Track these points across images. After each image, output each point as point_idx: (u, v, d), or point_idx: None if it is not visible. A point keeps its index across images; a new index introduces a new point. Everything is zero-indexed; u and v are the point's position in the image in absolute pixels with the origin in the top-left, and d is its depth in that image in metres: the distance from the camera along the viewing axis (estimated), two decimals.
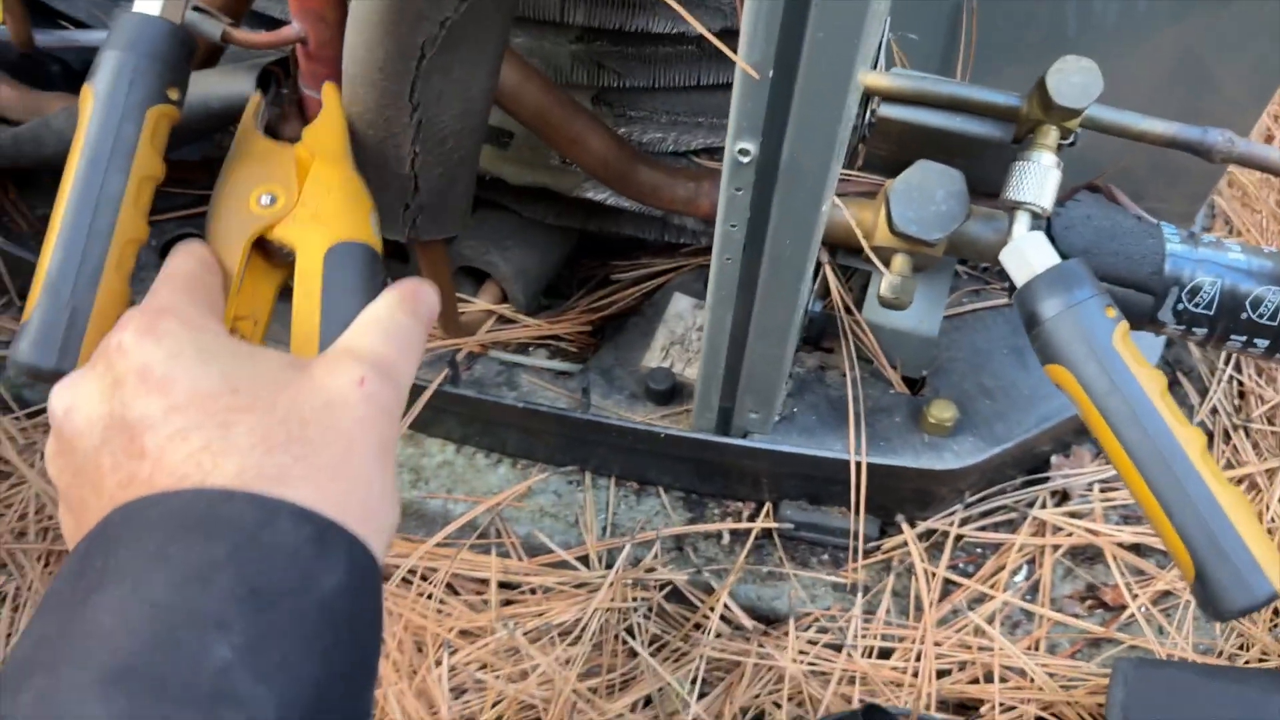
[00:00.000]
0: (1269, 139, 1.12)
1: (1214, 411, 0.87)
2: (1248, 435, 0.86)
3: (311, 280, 0.50)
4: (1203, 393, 0.88)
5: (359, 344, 0.43)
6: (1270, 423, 0.86)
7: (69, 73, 0.95)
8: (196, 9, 0.65)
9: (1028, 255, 0.56)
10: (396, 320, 0.44)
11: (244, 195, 0.53)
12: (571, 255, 0.88)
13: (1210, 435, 0.86)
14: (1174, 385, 0.89)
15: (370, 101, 0.57)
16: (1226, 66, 0.79)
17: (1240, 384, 0.89)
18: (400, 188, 0.63)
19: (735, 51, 0.48)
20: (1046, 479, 0.81)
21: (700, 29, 0.50)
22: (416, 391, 0.77)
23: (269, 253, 0.54)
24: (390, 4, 0.53)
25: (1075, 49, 0.70)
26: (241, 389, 0.39)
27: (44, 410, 0.84)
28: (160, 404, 0.38)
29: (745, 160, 0.52)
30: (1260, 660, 0.73)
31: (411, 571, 0.79)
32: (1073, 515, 0.80)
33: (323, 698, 0.35)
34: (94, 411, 0.38)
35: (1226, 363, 0.89)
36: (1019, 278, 0.56)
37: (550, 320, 0.85)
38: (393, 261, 0.85)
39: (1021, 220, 0.57)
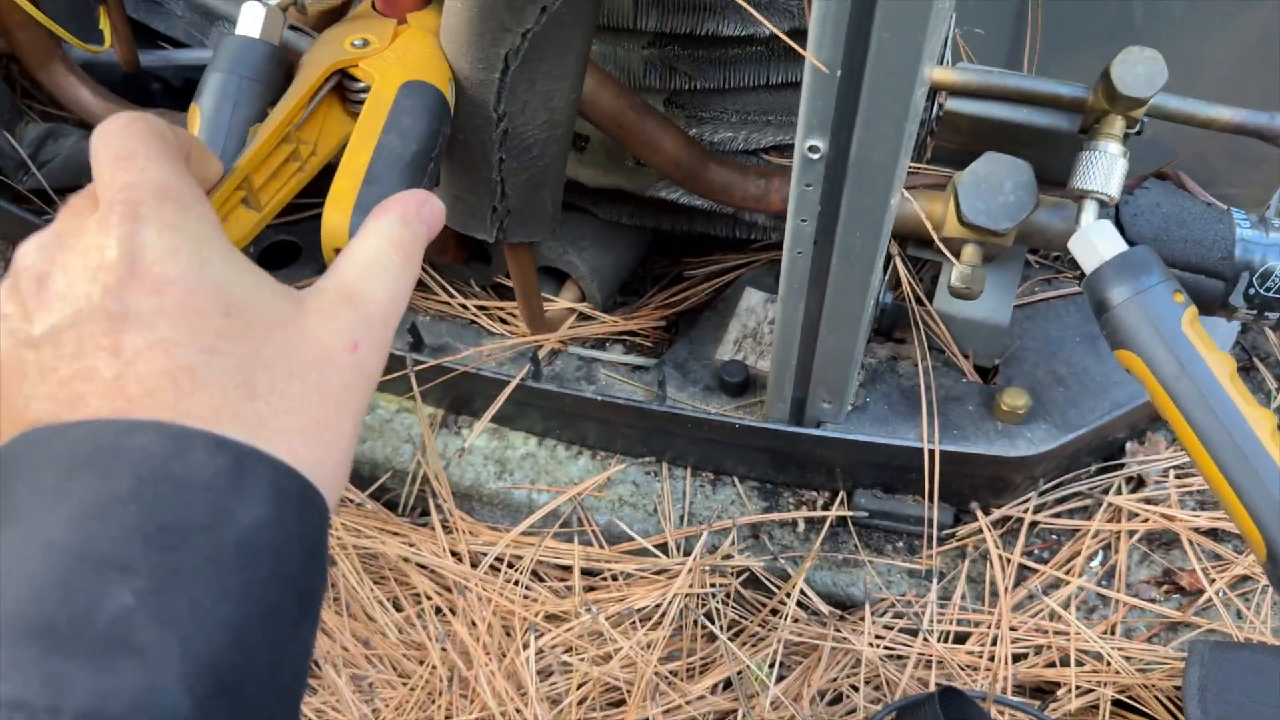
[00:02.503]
0: None
1: None
2: None
3: (380, 104, 0.54)
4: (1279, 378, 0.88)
5: (358, 289, 0.39)
6: None
7: (169, 90, 1.01)
8: (293, 28, 0.70)
9: (1095, 243, 0.57)
10: (394, 265, 0.40)
11: (340, 38, 0.58)
12: (645, 254, 0.91)
13: None
14: (1250, 370, 0.88)
15: (464, 108, 0.61)
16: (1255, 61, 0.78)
17: None
18: (489, 191, 0.66)
19: (805, 50, 0.50)
20: (1121, 465, 0.81)
21: (771, 28, 0.52)
22: (499, 386, 0.81)
23: (347, 99, 0.59)
24: (473, 17, 0.57)
25: (1144, 38, 0.71)
26: (234, 313, 0.35)
27: None
28: (150, 303, 0.34)
29: (815, 157, 0.54)
30: None
31: (499, 559, 0.83)
32: (1148, 501, 0.80)
33: (240, 641, 0.31)
34: (76, 288, 0.33)
35: None
36: (1087, 265, 0.57)
37: (626, 316, 0.88)
38: (474, 263, 0.89)
39: (1089, 209, 0.58)
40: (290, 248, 0.92)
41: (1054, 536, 0.80)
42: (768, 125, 0.76)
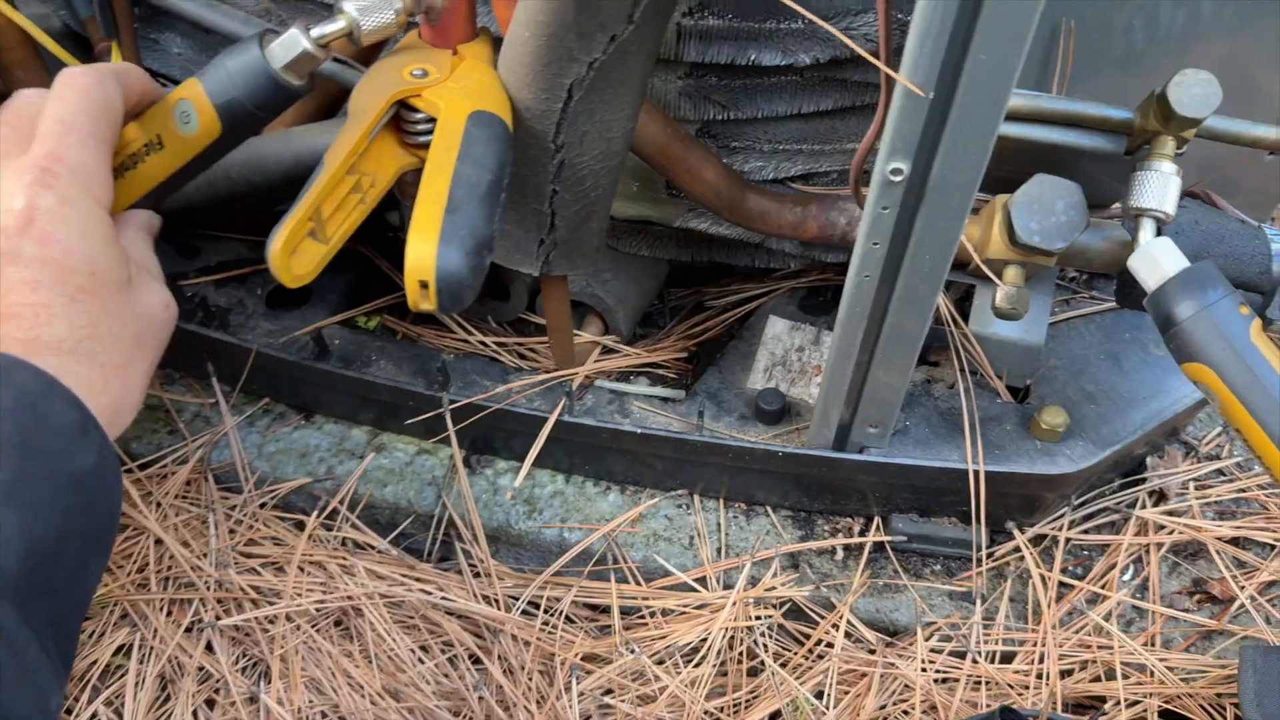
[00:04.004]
0: None
1: None
2: None
3: (451, 135, 0.54)
4: None
5: (155, 269, 0.56)
6: None
7: None
8: (336, 60, 0.68)
9: (1159, 260, 0.58)
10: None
11: (397, 67, 0.57)
12: (663, 285, 0.90)
13: None
14: None
15: (519, 139, 0.59)
16: (1268, 73, 0.81)
17: None
18: (538, 223, 0.65)
19: (897, 74, 0.50)
20: (1143, 479, 0.83)
21: (861, 52, 0.53)
22: (530, 423, 0.79)
23: (404, 132, 0.59)
24: (540, 46, 0.56)
25: (1143, 60, 0.74)
26: (98, 274, 0.48)
27: (159, 461, 0.85)
28: (33, 251, 0.46)
29: (897, 180, 0.54)
30: None
31: (533, 604, 0.80)
32: (1172, 513, 0.82)
33: (60, 547, 0.42)
34: None
35: None
36: (1150, 282, 0.58)
37: (649, 348, 0.87)
38: (491, 300, 0.87)
39: (1147, 227, 0.60)
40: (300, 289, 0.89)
41: (1085, 552, 0.81)
42: (798, 154, 0.77)
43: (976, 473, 0.74)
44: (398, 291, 0.89)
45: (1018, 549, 0.79)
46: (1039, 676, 0.75)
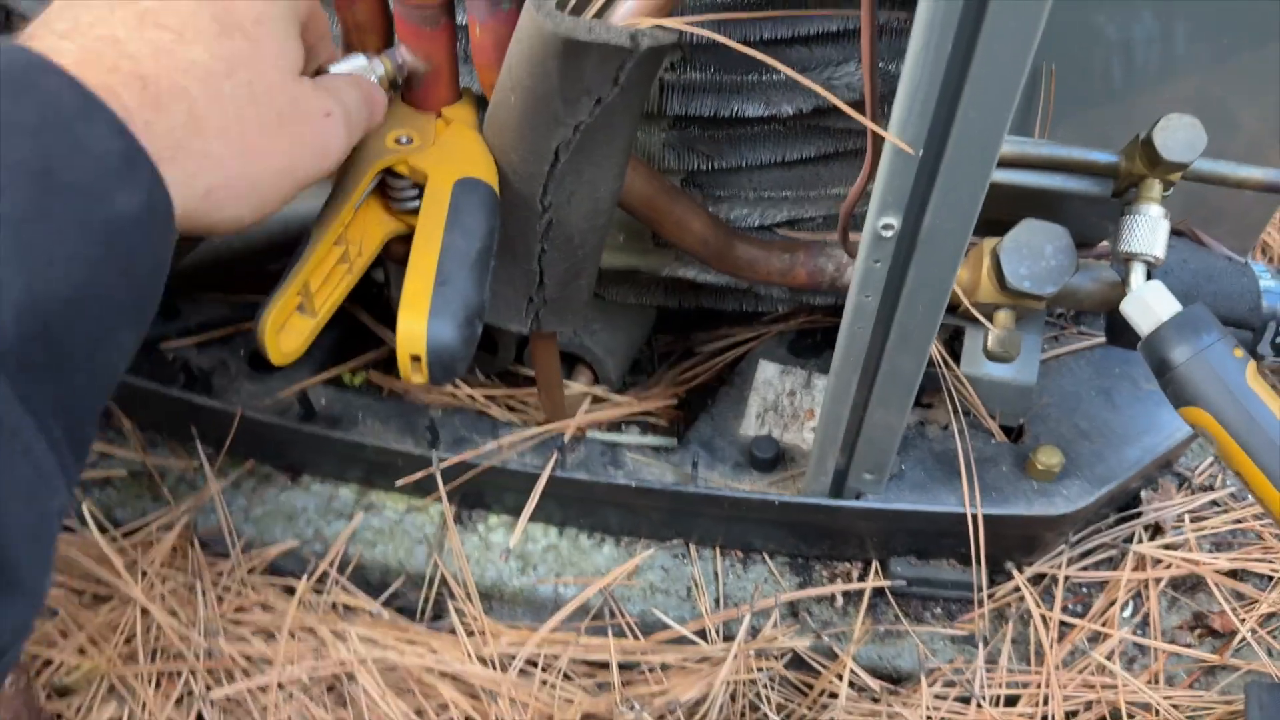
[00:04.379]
0: None
1: None
2: None
3: (438, 204, 0.53)
4: None
5: (341, 88, 0.48)
6: None
7: None
8: None
9: (1151, 304, 0.58)
10: (369, 90, 0.51)
11: (381, 134, 0.56)
12: (651, 332, 0.90)
13: None
14: None
15: (506, 200, 0.59)
16: (1247, 109, 0.82)
17: None
18: (526, 283, 0.64)
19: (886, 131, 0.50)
20: (1139, 514, 0.83)
21: (848, 110, 0.52)
22: (523, 479, 0.78)
23: (390, 198, 0.58)
24: (527, 110, 0.56)
25: (1123, 99, 0.74)
26: (253, 39, 0.41)
27: (144, 528, 0.83)
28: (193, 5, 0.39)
29: (888, 235, 0.54)
30: None
31: (530, 662, 0.79)
32: (1169, 547, 0.82)
33: (76, 304, 0.33)
34: None
35: None
36: (1144, 326, 0.58)
37: (639, 397, 0.87)
38: (480, 352, 0.86)
39: (1138, 271, 0.60)
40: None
41: (1085, 590, 0.81)
42: (784, 201, 0.77)
43: (975, 516, 0.74)
44: (382, 346, 0.88)
45: (1018, 589, 0.79)
46: (1044, 719, 0.74)
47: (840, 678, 0.76)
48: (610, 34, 0.53)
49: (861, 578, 0.80)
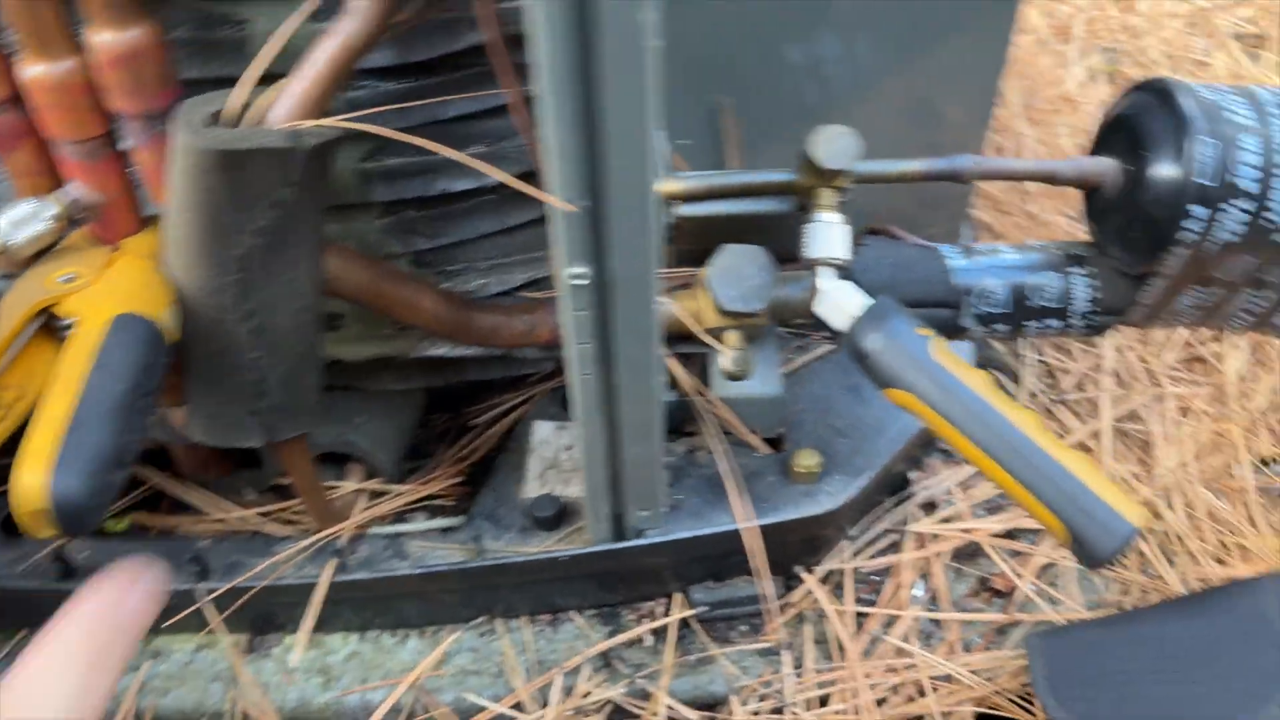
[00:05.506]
0: (998, 152, 1.27)
1: (1031, 395, 0.97)
2: (1066, 407, 0.96)
3: (84, 344, 0.50)
4: (1016, 380, 0.98)
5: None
6: (1081, 389, 0.96)
7: None
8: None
9: (840, 303, 0.62)
10: (69, 684, 0.35)
11: (45, 273, 0.54)
12: (422, 415, 0.89)
13: None
14: None
15: (205, 317, 0.58)
16: (948, 101, 0.90)
17: (1046, 365, 0.99)
18: (247, 394, 0.63)
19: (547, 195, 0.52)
20: (911, 495, 0.87)
21: (505, 178, 0.54)
22: (306, 592, 0.76)
23: (56, 334, 0.54)
24: (200, 226, 0.55)
25: (820, 114, 0.79)
26: None
27: None
28: None
29: (583, 283, 0.56)
30: (1142, 597, 0.81)
31: None
32: (945, 520, 0.86)
33: None
34: None
35: (1032, 350, 1.00)
36: (838, 324, 0.62)
37: (421, 482, 0.86)
38: (244, 470, 0.84)
39: (824, 274, 0.64)
40: None
41: (875, 577, 0.84)
42: (517, 265, 0.78)
43: (751, 530, 0.76)
44: (143, 486, 0.85)
45: (810, 591, 0.81)
46: (856, 712, 0.76)
47: (657, 715, 0.76)
48: (269, 138, 0.54)
49: (667, 613, 0.81)
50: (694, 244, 0.71)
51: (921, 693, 0.77)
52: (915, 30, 0.82)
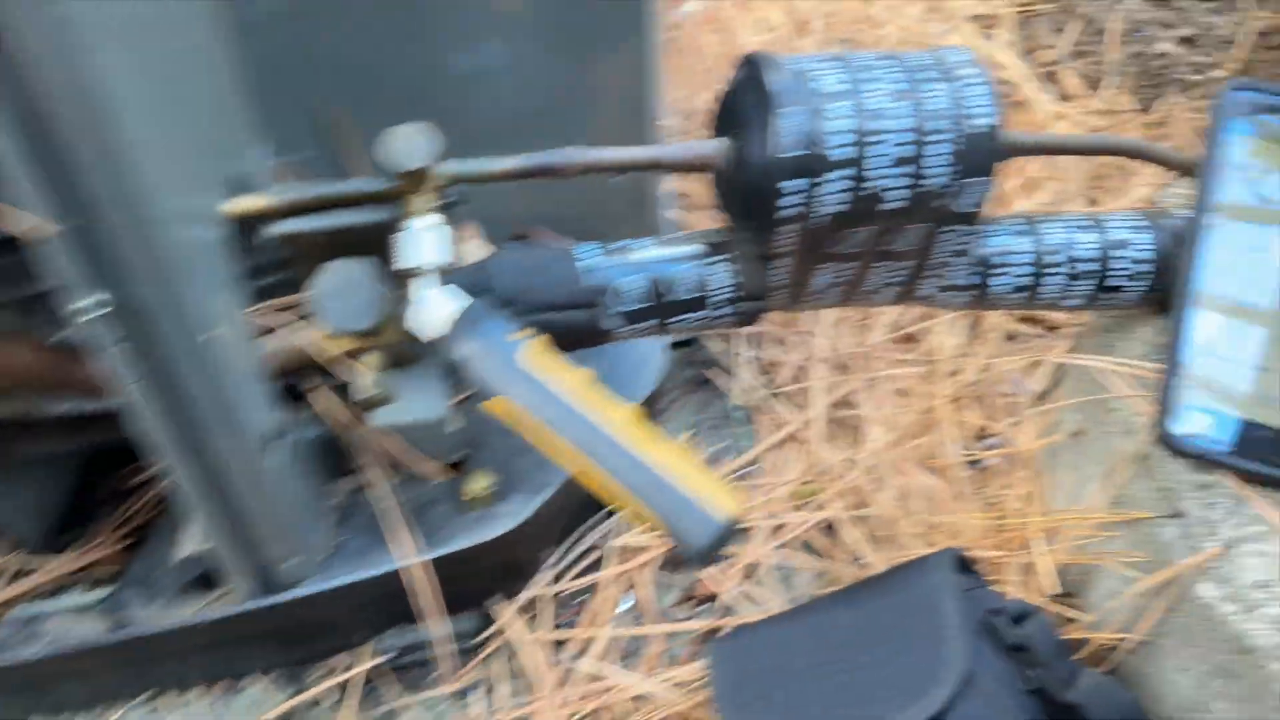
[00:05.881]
0: None
1: (747, 390, 0.94)
2: (784, 399, 0.94)
3: None
4: (732, 376, 0.96)
5: None
6: (796, 380, 0.95)
7: None
8: None
9: (431, 312, 0.58)
10: None
11: None
12: (80, 479, 0.82)
13: (752, 410, 0.93)
14: (707, 383, 0.96)
15: None
16: (607, 102, 0.85)
17: (760, 360, 0.97)
18: None
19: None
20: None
21: None
22: None
23: None
24: None
25: (447, 115, 0.75)
26: None
27: None
28: None
29: (106, 310, 0.50)
30: (831, 586, 0.78)
31: None
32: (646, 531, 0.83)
33: None
34: None
35: (747, 346, 0.98)
36: (429, 335, 0.58)
37: (82, 551, 0.78)
38: None
39: (416, 284, 0.59)
40: None
41: (580, 599, 0.80)
42: None
43: (422, 565, 0.71)
44: None
45: (504, 624, 0.77)
46: None
47: None
48: None
49: (352, 667, 0.75)
50: (311, 265, 0.66)
51: (622, 718, 0.73)
52: (576, 34, 0.79)
